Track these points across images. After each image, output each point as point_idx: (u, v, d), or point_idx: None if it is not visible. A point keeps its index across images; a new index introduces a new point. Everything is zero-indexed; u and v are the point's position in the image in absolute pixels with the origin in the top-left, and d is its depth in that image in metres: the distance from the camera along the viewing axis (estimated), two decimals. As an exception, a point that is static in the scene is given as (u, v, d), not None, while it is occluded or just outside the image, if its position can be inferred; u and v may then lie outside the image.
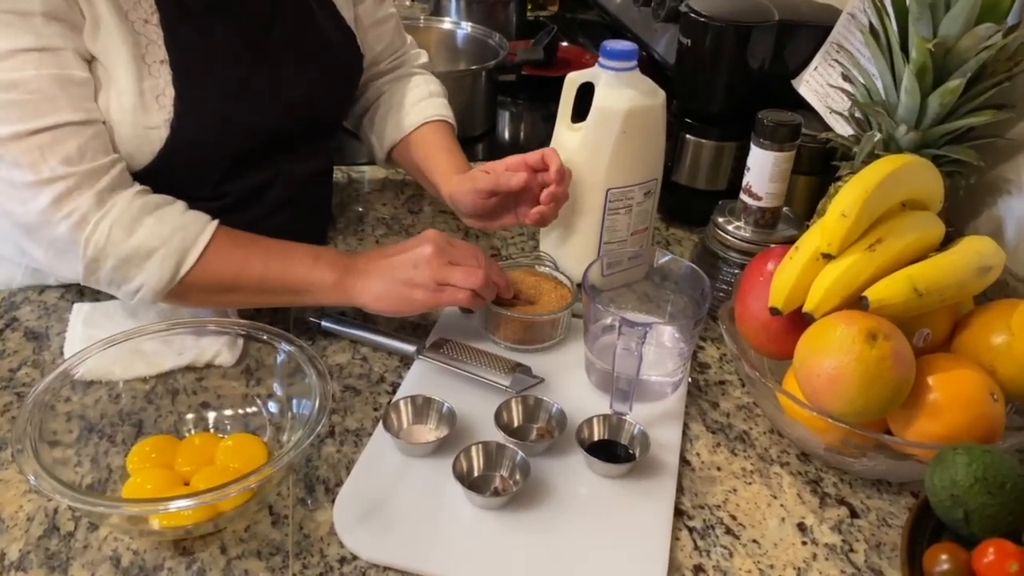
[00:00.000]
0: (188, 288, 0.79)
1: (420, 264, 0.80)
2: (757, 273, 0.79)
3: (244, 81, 0.86)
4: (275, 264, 0.80)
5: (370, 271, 0.81)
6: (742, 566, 0.67)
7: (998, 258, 0.73)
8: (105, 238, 0.76)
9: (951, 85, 0.78)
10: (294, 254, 0.82)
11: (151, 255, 0.77)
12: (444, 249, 0.81)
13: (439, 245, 0.81)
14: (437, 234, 0.82)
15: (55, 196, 0.74)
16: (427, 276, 0.79)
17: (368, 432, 0.77)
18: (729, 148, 1.08)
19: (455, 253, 0.81)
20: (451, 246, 0.82)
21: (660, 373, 0.81)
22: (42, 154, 0.74)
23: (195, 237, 0.78)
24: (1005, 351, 0.71)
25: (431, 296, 0.80)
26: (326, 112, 0.99)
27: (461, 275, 0.80)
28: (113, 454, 0.72)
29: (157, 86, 0.79)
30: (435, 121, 1.03)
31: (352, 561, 0.65)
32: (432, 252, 0.80)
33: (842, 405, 0.68)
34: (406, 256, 0.81)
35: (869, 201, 0.71)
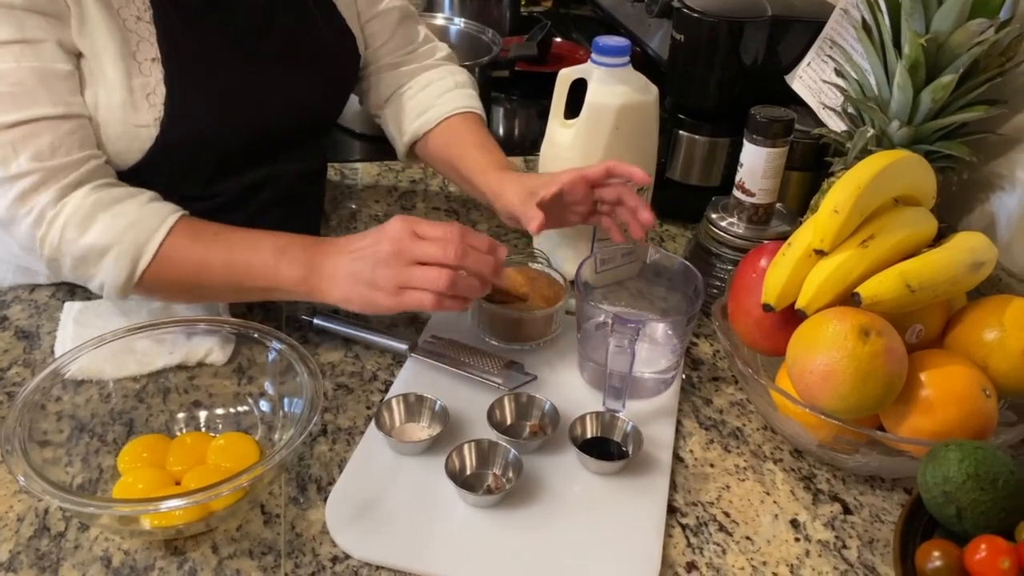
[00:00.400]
0: (151, 284, 0.78)
1: (379, 264, 0.74)
2: (750, 269, 0.79)
3: (237, 82, 0.85)
4: (238, 259, 0.77)
5: (336, 270, 0.76)
6: (735, 563, 0.67)
7: (991, 254, 0.73)
8: (59, 237, 0.74)
9: (943, 80, 0.78)
10: (258, 248, 0.77)
11: (105, 253, 0.75)
12: (405, 246, 0.73)
13: (399, 241, 0.73)
14: (402, 225, 0.74)
15: (20, 192, 0.73)
16: (386, 278, 0.73)
17: (361, 430, 0.77)
18: (723, 144, 1.08)
19: (420, 248, 0.73)
20: (417, 239, 0.73)
21: (653, 370, 0.81)
22: (14, 149, 0.73)
23: (150, 234, 0.76)
24: (998, 347, 0.71)
25: (392, 300, 0.74)
26: (319, 113, 0.98)
27: (422, 277, 0.73)
28: (104, 454, 0.71)
29: (148, 84, 0.79)
30: (462, 113, 0.98)
31: (344, 560, 0.65)
32: (389, 252, 0.73)
33: (835, 401, 0.67)
34: (366, 252, 0.75)
35: (861, 197, 0.71)
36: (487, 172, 0.91)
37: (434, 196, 1.16)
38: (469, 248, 0.74)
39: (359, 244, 0.76)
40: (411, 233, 0.74)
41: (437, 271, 0.72)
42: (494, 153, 0.94)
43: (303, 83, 0.91)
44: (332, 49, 0.95)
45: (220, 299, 0.84)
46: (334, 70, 0.96)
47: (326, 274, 0.76)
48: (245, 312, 0.90)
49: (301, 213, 0.99)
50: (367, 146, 1.32)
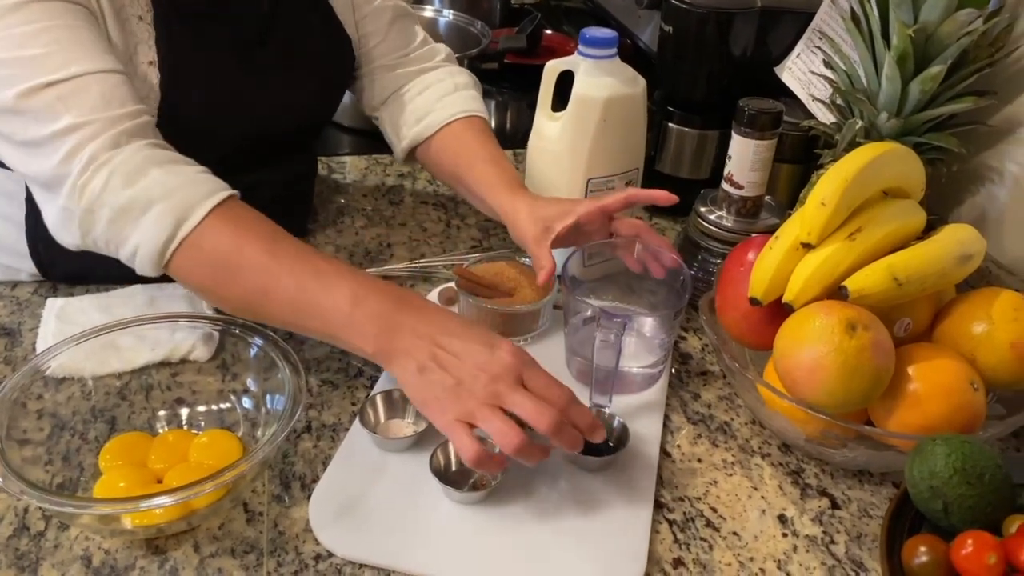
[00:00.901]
0: (189, 260, 0.69)
1: (463, 385, 0.63)
2: (737, 263, 0.78)
3: (233, 90, 0.84)
4: (307, 296, 0.68)
5: (410, 350, 0.65)
6: (722, 559, 0.67)
7: (979, 246, 0.73)
8: (103, 185, 0.67)
9: (932, 71, 0.77)
10: (332, 287, 0.68)
11: (149, 208, 0.68)
12: (502, 389, 0.63)
13: (500, 380, 0.63)
14: (513, 362, 0.64)
15: (73, 146, 0.68)
16: (458, 403, 0.63)
17: (345, 427, 0.76)
18: (712, 136, 1.07)
19: (516, 399, 0.63)
20: (517, 387, 0.64)
21: (640, 365, 0.80)
22: (63, 104, 0.68)
23: (202, 197, 0.69)
24: (986, 340, 0.70)
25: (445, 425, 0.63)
26: (313, 117, 0.97)
27: (495, 429, 0.62)
28: (85, 452, 0.70)
29: (143, 87, 0.77)
30: (465, 118, 0.94)
31: (328, 558, 0.64)
32: (484, 384, 0.63)
33: (822, 396, 0.67)
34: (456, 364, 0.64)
35: (849, 190, 0.70)
36: (499, 192, 0.86)
37: (422, 191, 1.16)
38: (565, 424, 0.63)
39: (454, 347, 0.65)
40: (517, 377, 0.64)
41: (514, 432, 0.61)
42: (503, 167, 0.89)
43: (298, 90, 0.90)
44: (328, 55, 0.93)
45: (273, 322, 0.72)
46: (329, 75, 0.95)
47: (401, 349, 0.66)
48: (230, 308, 0.89)
49: (291, 213, 0.98)
50: (355, 140, 1.31)
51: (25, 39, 0.68)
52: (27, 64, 0.68)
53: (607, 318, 0.72)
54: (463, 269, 0.86)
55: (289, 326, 0.72)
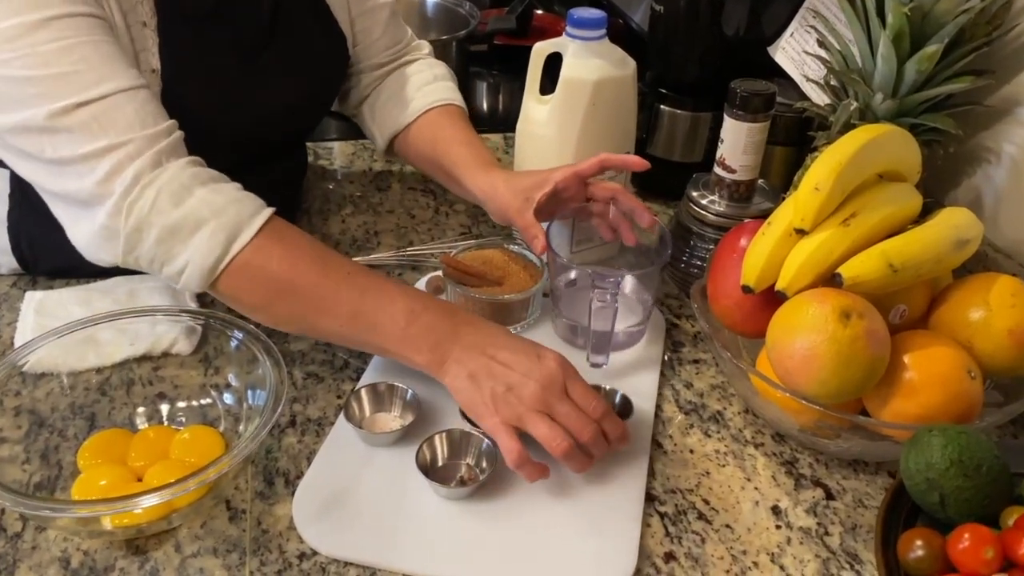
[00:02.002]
0: (236, 279, 0.70)
1: (512, 391, 0.66)
2: (730, 249, 0.77)
3: (234, 92, 0.82)
4: (367, 310, 0.70)
5: (465, 362, 0.68)
6: (714, 552, 0.65)
7: (976, 230, 0.71)
8: (150, 205, 0.68)
9: (928, 51, 0.75)
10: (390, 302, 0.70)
11: (200, 226, 0.68)
12: (550, 396, 0.66)
13: (548, 388, 0.66)
14: (559, 371, 0.68)
15: (114, 164, 0.67)
16: (508, 407, 0.66)
17: (330, 421, 0.74)
18: (705, 119, 1.05)
19: (561, 406, 0.66)
20: (563, 395, 0.67)
21: (624, 324, 0.80)
22: (99, 124, 0.67)
23: (252, 213, 0.70)
24: (983, 327, 0.69)
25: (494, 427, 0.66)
26: (308, 118, 0.96)
27: (542, 433, 0.65)
28: (64, 450, 0.69)
29: None
30: (442, 106, 0.95)
31: (312, 557, 0.63)
32: (533, 390, 0.66)
33: (816, 386, 0.65)
34: (508, 373, 0.67)
35: (843, 174, 0.68)
36: (475, 171, 0.87)
37: (410, 176, 1.14)
38: (600, 433, 0.67)
39: (504, 356, 0.68)
40: (563, 386, 0.67)
41: (560, 437, 0.65)
42: (479, 149, 0.90)
43: (299, 90, 0.88)
44: (326, 55, 0.92)
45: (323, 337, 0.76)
46: (328, 74, 0.94)
47: (452, 358, 0.69)
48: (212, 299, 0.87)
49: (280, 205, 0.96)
50: (342, 125, 1.28)
51: (52, 56, 0.67)
52: (57, 82, 0.67)
53: (601, 279, 0.74)
54: (450, 258, 0.85)
55: (340, 340, 0.75)
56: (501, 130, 1.28)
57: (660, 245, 0.83)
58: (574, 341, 0.83)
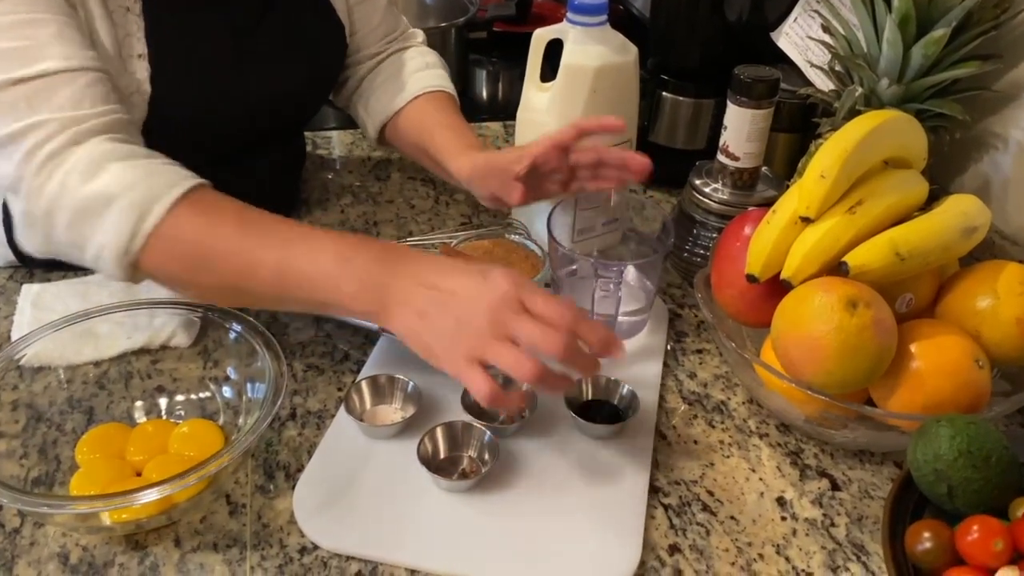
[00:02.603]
0: (155, 256, 0.64)
1: (463, 324, 0.59)
2: (734, 238, 0.76)
3: (225, 78, 0.81)
4: (292, 265, 0.63)
5: (406, 300, 0.61)
6: (719, 544, 0.65)
7: (984, 218, 0.70)
8: (60, 185, 0.63)
9: (935, 35, 0.74)
10: (318, 251, 0.63)
11: (110, 204, 0.62)
12: (504, 318, 0.59)
13: (500, 311, 0.59)
14: (510, 290, 0.59)
15: (33, 144, 0.63)
16: (464, 344, 0.59)
17: (331, 413, 0.74)
18: (707, 105, 1.04)
19: (522, 328, 0.58)
20: (521, 313, 0.59)
21: (625, 311, 0.79)
22: (28, 104, 0.64)
23: (167, 188, 0.64)
24: (991, 315, 0.68)
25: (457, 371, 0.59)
26: (305, 106, 0.94)
27: (508, 362, 0.57)
28: (62, 444, 0.68)
29: (132, 83, 0.74)
30: (431, 92, 0.92)
31: (313, 551, 0.62)
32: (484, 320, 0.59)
33: (822, 377, 0.65)
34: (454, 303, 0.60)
35: (849, 161, 0.67)
36: (457, 155, 0.84)
37: (409, 166, 1.12)
38: (577, 346, 0.59)
39: (447, 284, 0.61)
40: (518, 302, 0.59)
41: (525, 362, 0.57)
42: (463, 133, 0.87)
43: (292, 77, 0.87)
44: (322, 41, 0.90)
45: (257, 303, 0.70)
46: (324, 61, 0.92)
47: (394, 300, 0.62)
48: (211, 291, 0.87)
49: (279, 197, 0.96)
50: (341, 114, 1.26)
51: None
52: None
53: (605, 268, 0.73)
54: (451, 248, 0.84)
55: (276, 303, 0.69)
56: (501, 118, 1.27)
57: (663, 233, 0.83)
58: (577, 331, 0.82)
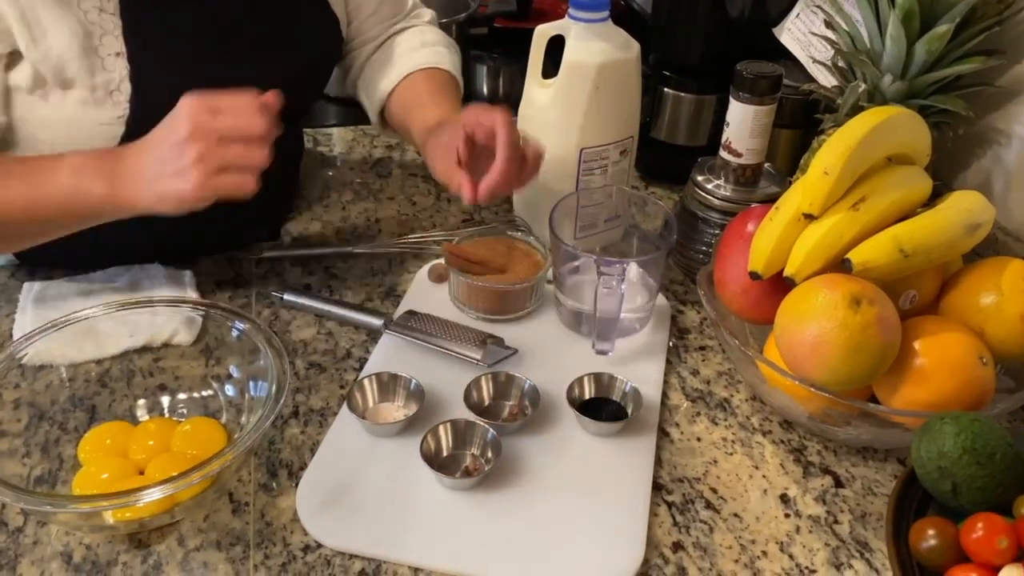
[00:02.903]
0: None
1: (181, 149, 0.66)
2: (737, 235, 0.75)
3: (211, 74, 0.77)
4: (38, 193, 0.70)
5: (139, 171, 0.68)
6: (723, 542, 0.65)
7: (988, 214, 0.70)
8: None
9: (939, 31, 0.74)
10: (55, 173, 0.69)
11: None
12: (203, 121, 0.67)
13: (195, 117, 0.67)
14: (193, 101, 0.67)
15: None
16: (194, 163, 0.66)
17: (334, 411, 0.74)
18: (709, 101, 1.04)
19: (222, 122, 0.67)
20: (215, 113, 0.67)
21: (628, 308, 0.79)
22: None
23: None
24: (995, 312, 0.68)
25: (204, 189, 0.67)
26: (297, 100, 0.91)
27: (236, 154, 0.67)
28: (64, 442, 0.68)
29: (112, 81, 0.74)
30: (423, 71, 0.90)
31: (316, 549, 0.62)
32: (188, 133, 0.66)
33: (825, 374, 0.65)
34: (165, 143, 0.68)
35: (852, 157, 0.67)
36: (427, 136, 0.82)
37: (410, 163, 1.12)
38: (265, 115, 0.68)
39: (155, 135, 0.69)
40: (207, 107, 0.67)
41: (252, 149, 0.67)
42: (444, 111, 0.84)
43: (281, 72, 0.83)
44: (314, 35, 0.89)
45: (40, 238, 0.76)
46: (315, 56, 0.90)
47: (130, 179, 0.69)
48: (214, 289, 0.87)
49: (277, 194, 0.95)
50: (341, 111, 1.27)
51: None
52: None
53: (607, 265, 0.73)
54: (453, 246, 0.84)
55: (42, 235, 0.75)
56: (502, 115, 1.26)
57: (665, 230, 0.83)
58: (579, 328, 0.82)
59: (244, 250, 0.92)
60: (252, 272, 0.90)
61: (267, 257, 0.91)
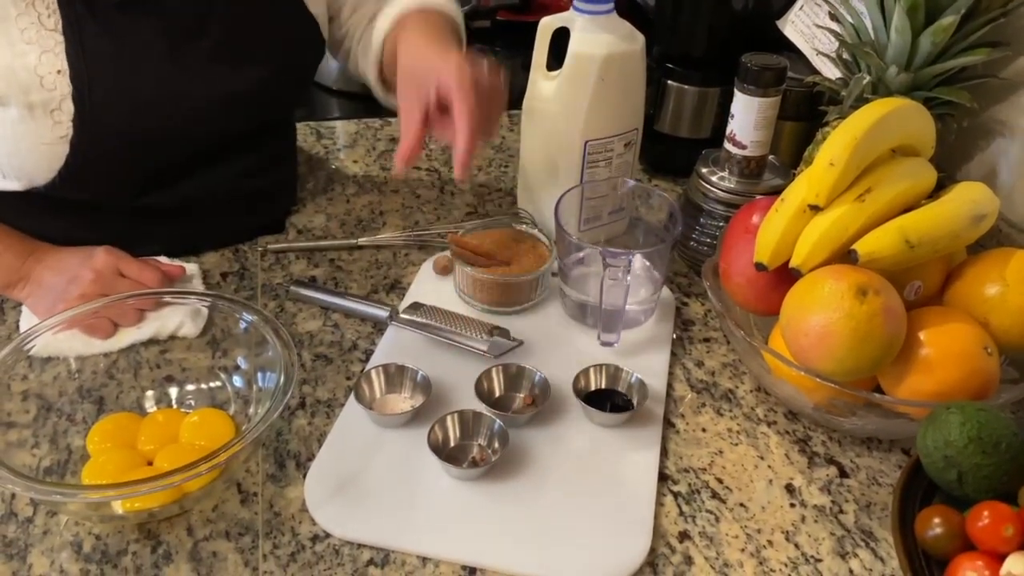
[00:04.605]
0: None
1: (72, 283, 0.77)
2: (742, 227, 0.76)
3: (164, 87, 0.76)
4: None
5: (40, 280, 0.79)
6: (729, 531, 0.65)
7: (992, 205, 0.70)
8: None
9: (944, 22, 0.74)
10: None
11: None
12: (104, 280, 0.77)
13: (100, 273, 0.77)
14: (107, 259, 0.78)
15: None
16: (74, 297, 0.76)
17: (340, 403, 0.74)
18: (713, 94, 1.04)
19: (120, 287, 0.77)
20: (118, 278, 0.78)
21: (633, 300, 0.79)
22: None
23: None
24: (999, 302, 0.68)
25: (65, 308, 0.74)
26: (274, 106, 0.90)
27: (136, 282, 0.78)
28: (72, 434, 0.69)
29: (51, 100, 0.71)
30: (418, 12, 0.86)
31: (325, 539, 0.63)
32: (88, 279, 0.76)
33: (831, 364, 0.65)
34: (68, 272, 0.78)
35: (858, 148, 0.67)
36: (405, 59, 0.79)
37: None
38: None
39: (66, 261, 0.79)
40: (114, 270, 0.78)
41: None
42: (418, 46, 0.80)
43: (251, 78, 0.81)
44: (287, 37, 0.85)
45: None
46: (290, 60, 0.86)
47: (30, 281, 0.79)
48: (219, 282, 0.87)
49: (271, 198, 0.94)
50: (344, 103, 1.28)
51: None
52: None
53: (612, 256, 0.74)
54: (458, 237, 0.84)
55: None
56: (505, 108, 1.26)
57: (670, 222, 0.83)
58: (584, 320, 0.82)
59: (249, 243, 0.92)
60: (257, 265, 0.90)
61: (272, 250, 0.91)
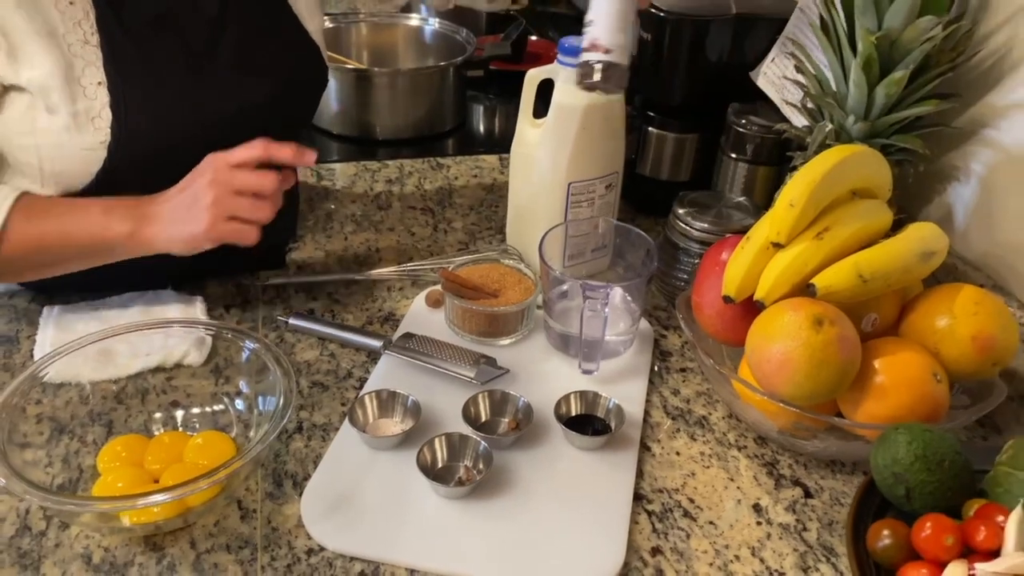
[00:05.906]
0: None
1: (200, 197, 0.78)
2: (712, 263, 0.81)
3: (187, 99, 0.84)
4: (71, 229, 0.80)
5: (160, 214, 0.80)
6: (699, 547, 0.69)
7: (941, 243, 0.76)
8: None
9: (896, 76, 0.80)
10: (87, 212, 0.80)
11: None
12: (222, 176, 0.78)
13: (216, 171, 0.79)
14: (215, 156, 0.80)
15: None
16: (208, 209, 0.78)
17: (335, 427, 0.79)
18: (691, 140, 1.10)
19: (239, 178, 0.79)
20: (233, 169, 0.79)
21: (613, 332, 0.85)
22: None
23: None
24: (948, 334, 0.73)
25: (213, 231, 0.78)
26: (284, 118, 0.96)
27: (247, 207, 0.79)
28: (84, 454, 0.73)
29: (92, 108, 0.78)
30: None
31: (319, 552, 0.67)
32: (208, 182, 0.78)
33: (791, 389, 0.70)
34: (187, 191, 0.80)
35: (816, 191, 0.73)
36: None
37: (409, 196, 1.18)
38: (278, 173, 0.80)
39: (179, 184, 0.80)
40: (226, 163, 0.79)
41: (261, 204, 0.79)
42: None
43: (261, 91, 0.89)
44: (289, 57, 0.93)
45: (68, 269, 0.85)
46: (296, 76, 0.94)
47: (151, 220, 0.80)
48: (222, 313, 0.92)
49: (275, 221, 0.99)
50: (344, 147, 1.34)
51: None
52: None
53: (592, 289, 0.79)
54: (449, 272, 0.89)
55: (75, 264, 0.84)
56: (497, 151, 1.33)
57: (647, 258, 0.89)
58: (567, 350, 0.87)
59: (251, 277, 0.97)
60: (259, 298, 0.95)
61: (273, 283, 0.97)
